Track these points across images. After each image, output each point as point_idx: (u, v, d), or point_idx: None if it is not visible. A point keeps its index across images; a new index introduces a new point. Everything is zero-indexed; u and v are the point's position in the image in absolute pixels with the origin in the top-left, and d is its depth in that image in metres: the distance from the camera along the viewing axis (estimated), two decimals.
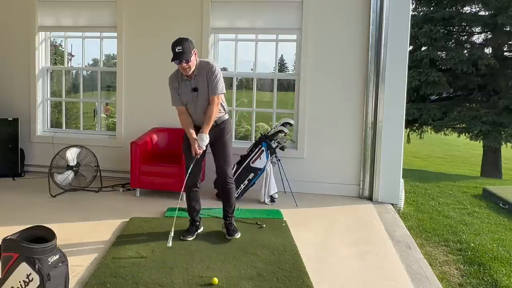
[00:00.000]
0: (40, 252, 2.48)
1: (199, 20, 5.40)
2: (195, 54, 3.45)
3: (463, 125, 12.05)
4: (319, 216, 4.51)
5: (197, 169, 3.62)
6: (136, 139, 5.04)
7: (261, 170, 4.92)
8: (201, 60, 3.52)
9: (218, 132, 3.64)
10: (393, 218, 4.51)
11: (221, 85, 3.54)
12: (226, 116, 3.71)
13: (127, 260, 3.21)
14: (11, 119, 5.71)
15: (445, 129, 12.58)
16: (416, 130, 13.23)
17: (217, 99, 3.49)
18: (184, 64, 3.36)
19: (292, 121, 5.22)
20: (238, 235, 3.68)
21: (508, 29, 12.04)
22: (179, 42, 3.37)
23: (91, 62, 8.62)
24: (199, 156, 3.50)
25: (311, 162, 5.27)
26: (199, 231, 3.79)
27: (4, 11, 5.92)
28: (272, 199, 4.86)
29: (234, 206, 3.83)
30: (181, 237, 3.61)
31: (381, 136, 4.99)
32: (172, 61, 3.36)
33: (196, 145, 3.46)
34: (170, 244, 3.32)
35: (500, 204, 5.69)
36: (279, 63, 6.19)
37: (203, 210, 4.36)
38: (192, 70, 3.43)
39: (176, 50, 3.33)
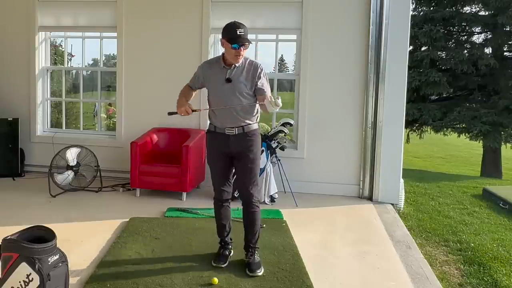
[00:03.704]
0: (40, 252, 2.48)
1: (199, 20, 5.40)
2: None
3: (463, 125, 12.06)
4: (319, 216, 4.51)
5: (227, 176, 3.19)
6: (136, 139, 5.04)
7: (261, 170, 4.92)
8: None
9: (246, 144, 3.07)
10: (393, 218, 4.51)
11: (269, 88, 3.11)
12: (256, 126, 3.15)
13: (127, 260, 3.21)
14: (11, 119, 5.71)
15: (445, 129, 12.59)
16: (416, 130, 13.24)
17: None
18: (242, 50, 2.95)
19: (292, 121, 5.22)
20: (261, 272, 3.06)
21: (508, 29, 12.05)
22: (240, 24, 2.94)
23: (91, 62, 8.64)
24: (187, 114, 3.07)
25: (311, 162, 5.27)
26: (231, 255, 3.29)
27: (4, 11, 5.92)
28: (272, 199, 4.86)
29: (259, 236, 3.20)
30: (213, 263, 3.18)
31: (381, 136, 4.99)
32: (231, 44, 2.90)
33: (184, 108, 3.05)
34: None
35: (500, 204, 5.69)
36: (279, 63, 6.19)
37: (203, 210, 4.38)
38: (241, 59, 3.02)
39: (238, 33, 2.90)
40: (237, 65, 3.03)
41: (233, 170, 3.22)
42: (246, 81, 3.03)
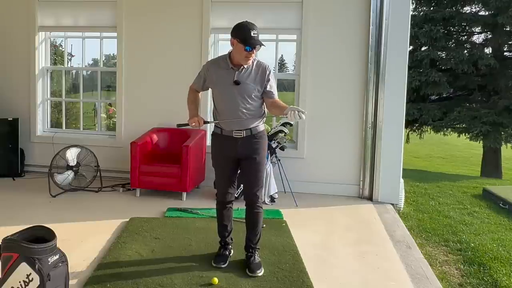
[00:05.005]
0: (40, 252, 2.48)
1: (199, 20, 5.40)
2: None
3: (463, 125, 12.06)
4: (319, 216, 4.51)
5: (233, 179, 3.19)
6: (136, 139, 5.04)
7: None
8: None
9: (253, 146, 3.04)
10: (393, 218, 4.51)
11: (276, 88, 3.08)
12: (263, 127, 3.12)
13: (127, 260, 3.21)
14: (11, 119, 5.70)
15: (445, 129, 12.60)
16: (416, 130, 13.24)
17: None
18: (254, 52, 2.92)
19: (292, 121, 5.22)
20: (261, 272, 3.06)
21: (508, 29, 12.05)
22: (253, 25, 2.88)
23: (91, 62, 8.63)
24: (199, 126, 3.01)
25: (311, 162, 5.27)
26: (231, 255, 3.31)
27: (4, 11, 5.92)
28: (272, 199, 4.85)
29: (260, 236, 3.22)
30: (213, 264, 3.19)
31: (381, 136, 4.99)
32: (245, 46, 2.84)
33: (197, 119, 3.00)
34: None
35: (500, 204, 5.69)
36: (279, 63, 6.19)
37: (203, 210, 4.38)
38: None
39: (252, 34, 2.83)
40: (245, 66, 2.98)
41: (238, 172, 3.20)
42: (255, 83, 2.99)
